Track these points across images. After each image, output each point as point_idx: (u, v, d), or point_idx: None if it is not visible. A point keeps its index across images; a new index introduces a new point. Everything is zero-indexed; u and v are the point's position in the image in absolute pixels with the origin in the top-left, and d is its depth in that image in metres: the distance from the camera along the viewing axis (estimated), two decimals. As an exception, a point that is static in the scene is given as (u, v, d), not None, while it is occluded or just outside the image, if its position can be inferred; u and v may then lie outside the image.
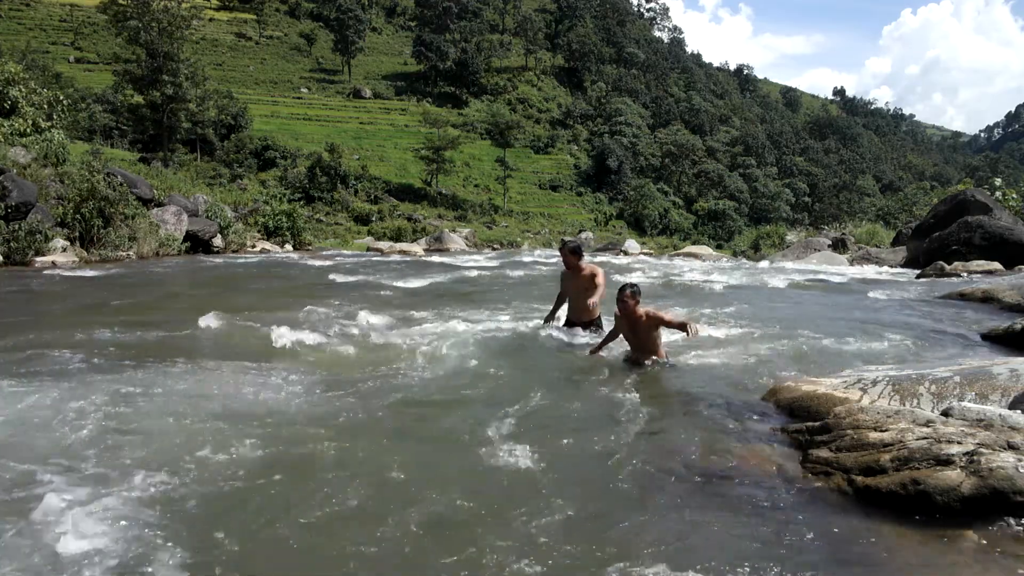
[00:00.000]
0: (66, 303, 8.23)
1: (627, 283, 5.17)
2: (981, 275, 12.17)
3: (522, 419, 3.71)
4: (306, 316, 6.98)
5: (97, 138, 41.81)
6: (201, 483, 2.80)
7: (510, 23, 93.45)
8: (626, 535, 2.49)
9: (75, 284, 10.05)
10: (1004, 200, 19.92)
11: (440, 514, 2.61)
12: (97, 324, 6.12)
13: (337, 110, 70.99)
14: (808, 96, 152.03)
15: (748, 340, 6.08)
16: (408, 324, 6.65)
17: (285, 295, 9.30)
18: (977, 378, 3.65)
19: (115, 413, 3.61)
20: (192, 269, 13.47)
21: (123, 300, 8.37)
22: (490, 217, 55.27)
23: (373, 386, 4.38)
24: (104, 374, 4.40)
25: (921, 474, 2.59)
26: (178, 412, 3.66)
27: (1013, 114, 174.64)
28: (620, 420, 3.78)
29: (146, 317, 6.86)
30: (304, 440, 3.32)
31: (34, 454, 3.02)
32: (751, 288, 11.63)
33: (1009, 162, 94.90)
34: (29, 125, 17.64)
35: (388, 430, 3.56)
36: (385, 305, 8.30)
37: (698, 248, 29.03)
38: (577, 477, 3.00)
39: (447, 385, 4.46)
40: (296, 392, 4.17)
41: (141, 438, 3.27)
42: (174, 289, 10.37)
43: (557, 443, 3.40)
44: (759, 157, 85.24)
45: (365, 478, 2.91)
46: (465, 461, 3.15)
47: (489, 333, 6.29)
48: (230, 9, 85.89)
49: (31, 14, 73.25)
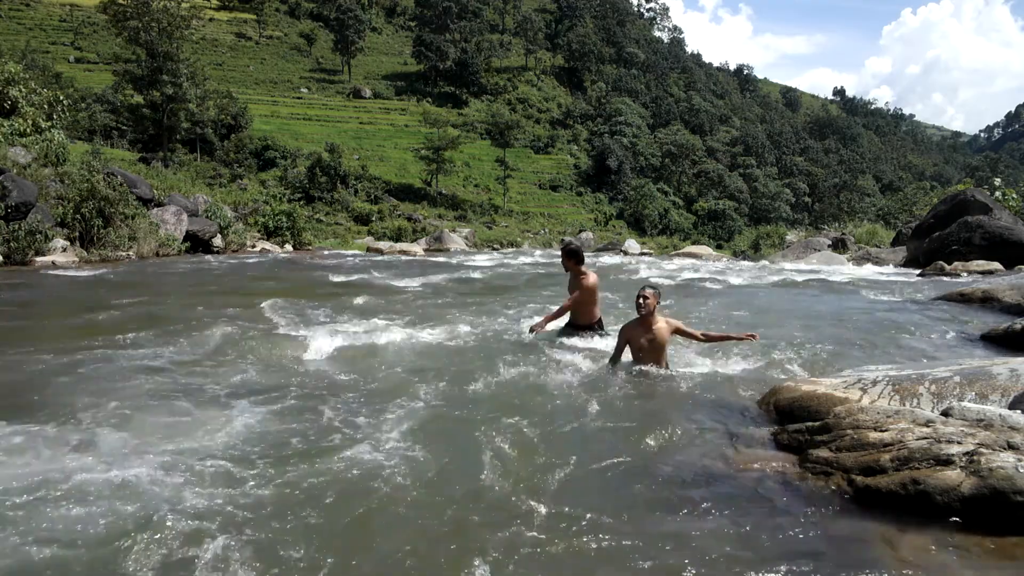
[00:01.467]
0: (66, 303, 8.22)
1: (649, 283, 4.96)
2: (981, 275, 12.17)
3: (519, 420, 3.71)
4: (304, 316, 6.98)
5: (97, 138, 41.74)
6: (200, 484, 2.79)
7: (510, 23, 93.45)
8: (626, 535, 2.49)
9: (75, 284, 10.05)
10: (1004, 200, 19.91)
11: (441, 515, 2.61)
12: (97, 324, 6.12)
13: (337, 110, 70.97)
14: (808, 96, 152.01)
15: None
16: (408, 325, 6.64)
17: (285, 295, 9.29)
18: (977, 378, 3.65)
19: (115, 413, 3.61)
20: (192, 269, 13.46)
21: (123, 300, 8.36)
22: (490, 217, 55.25)
23: (373, 387, 4.38)
24: (105, 374, 4.40)
25: (921, 474, 2.59)
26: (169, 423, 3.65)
27: (1013, 114, 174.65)
28: (620, 421, 3.78)
29: (146, 317, 6.85)
30: (300, 444, 3.32)
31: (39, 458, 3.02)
32: (751, 288, 11.62)
33: (1009, 162, 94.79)
34: (29, 125, 17.64)
35: (389, 430, 3.56)
36: (385, 305, 8.30)
37: (698, 248, 29.01)
38: (577, 479, 3.00)
39: (449, 387, 4.46)
40: (279, 398, 4.16)
41: (142, 438, 3.28)
42: (174, 289, 10.36)
43: (556, 444, 3.40)
44: (759, 157, 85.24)
45: (365, 478, 2.91)
46: (464, 463, 3.15)
47: (489, 334, 6.29)
48: (230, 9, 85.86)
49: (31, 14, 73.21)
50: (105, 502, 2.58)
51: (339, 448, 3.23)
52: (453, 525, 2.53)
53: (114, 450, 3.10)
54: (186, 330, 5.97)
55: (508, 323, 6.90)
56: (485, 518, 2.58)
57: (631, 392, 4.37)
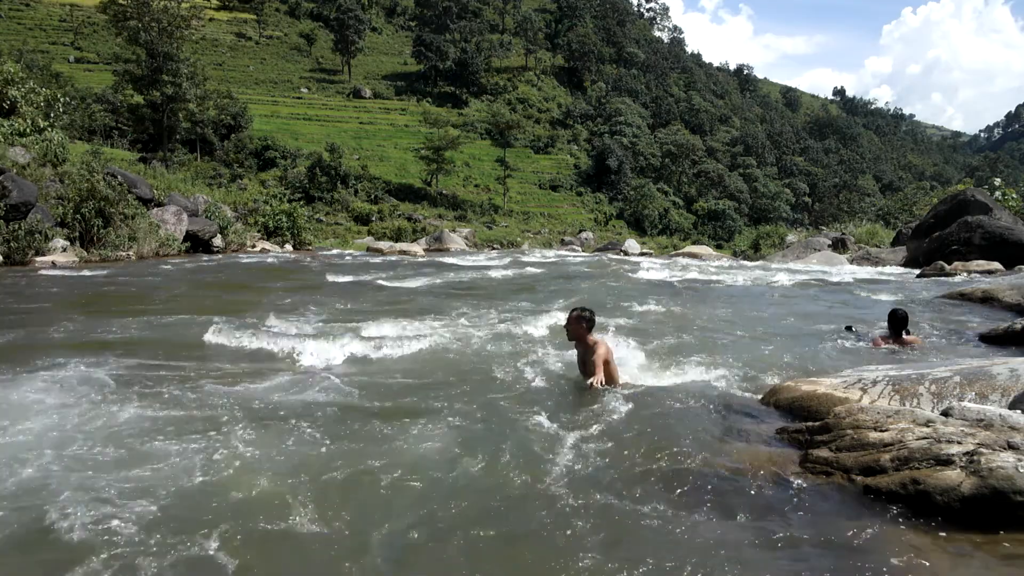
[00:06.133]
0: (66, 303, 8.22)
1: (580, 307, 4.65)
2: (981, 275, 12.17)
3: (516, 421, 3.71)
4: (302, 317, 6.98)
5: (97, 138, 41.72)
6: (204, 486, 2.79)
7: (510, 23, 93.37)
8: (625, 536, 2.49)
9: (75, 284, 10.04)
10: (1004, 200, 19.92)
11: (440, 517, 2.61)
12: (96, 323, 6.12)
13: (337, 110, 70.93)
14: (808, 96, 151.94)
15: (748, 340, 6.08)
16: (408, 325, 6.64)
17: (285, 295, 9.29)
18: (977, 378, 3.65)
19: (115, 416, 3.61)
20: (192, 269, 13.46)
21: (123, 300, 8.37)
22: (490, 217, 55.24)
23: (371, 388, 4.38)
24: (102, 374, 4.40)
25: (921, 474, 2.59)
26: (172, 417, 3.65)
27: (1013, 114, 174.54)
28: (620, 421, 3.78)
29: (146, 318, 6.85)
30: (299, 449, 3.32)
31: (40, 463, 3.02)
32: (751, 288, 11.63)
33: (1009, 162, 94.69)
34: (28, 125, 17.64)
35: (389, 431, 3.56)
36: (386, 306, 8.31)
37: (698, 248, 29.03)
38: (577, 478, 3.00)
39: (450, 389, 4.46)
40: (290, 394, 4.16)
41: (144, 439, 3.27)
42: (174, 289, 10.36)
43: (557, 444, 3.40)
44: (759, 157, 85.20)
45: (362, 479, 2.91)
46: (467, 464, 3.15)
47: (489, 336, 6.28)
48: (230, 9, 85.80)
49: (31, 14, 73.18)
50: (104, 504, 2.58)
51: (340, 447, 3.24)
52: (449, 526, 2.53)
53: (106, 466, 3.10)
54: (186, 330, 5.97)
55: (510, 324, 6.90)
56: (480, 521, 2.58)
57: (632, 392, 4.37)
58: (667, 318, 7.62)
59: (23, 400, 3.76)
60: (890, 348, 5.68)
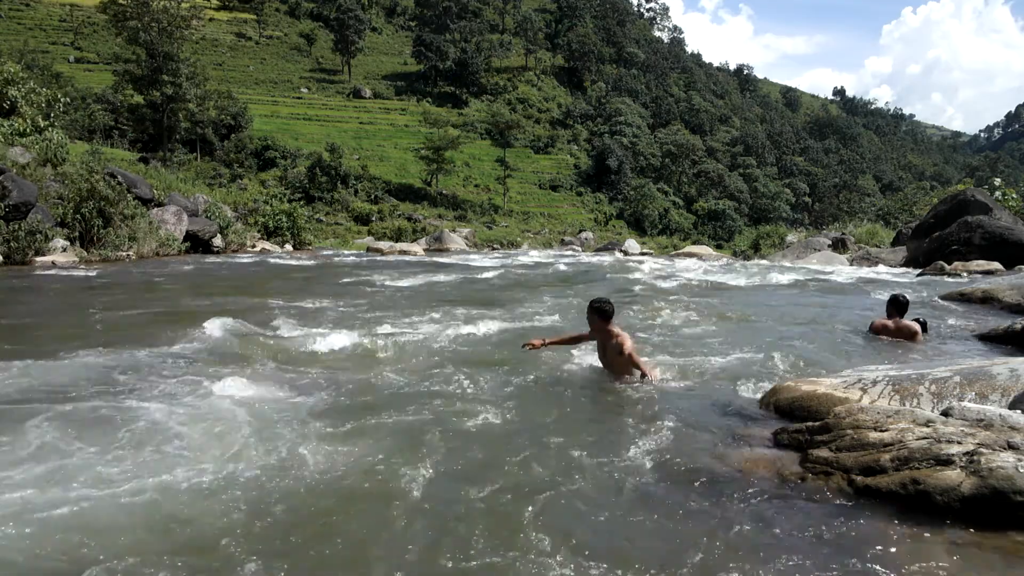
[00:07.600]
0: (65, 303, 8.22)
1: (601, 297, 4.81)
2: (981, 275, 12.17)
3: (514, 422, 3.71)
4: (302, 316, 6.98)
5: (97, 138, 41.70)
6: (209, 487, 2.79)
7: (510, 23, 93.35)
8: (625, 535, 2.49)
9: (75, 284, 10.04)
10: (1004, 200, 19.91)
11: (440, 519, 2.61)
12: (96, 324, 6.12)
13: (337, 110, 70.94)
14: (808, 96, 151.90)
15: (747, 340, 6.08)
16: (408, 326, 6.64)
17: (285, 296, 9.30)
18: (977, 378, 3.65)
19: (114, 416, 3.61)
20: (192, 269, 13.46)
21: (123, 300, 8.37)
22: (490, 217, 55.24)
23: (371, 389, 4.38)
24: (102, 375, 4.40)
25: (921, 474, 2.59)
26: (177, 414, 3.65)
27: (1013, 114, 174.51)
28: (621, 421, 3.78)
29: (146, 317, 6.85)
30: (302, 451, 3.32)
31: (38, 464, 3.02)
32: (750, 288, 11.63)
33: (1009, 162, 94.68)
34: (29, 125, 17.65)
35: (390, 433, 3.56)
36: (385, 306, 8.31)
37: (698, 248, 29.03)
38: (577, 478, 3.00)
39: (452, 390, 4.46)
40: (289, 395, 4.16)
41: (144, 439, 3.28)
42: (173, 289, 10.36)
43: (557, 444, 3.40)
44: (759, 157, 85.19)
45: (359, 482, 2.91)
46: (465, 464, 3.15)
47: (489, 336, 6.28)
48: (230, 9, 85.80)
49: (31, 14, 73.18)
50: (100, 506, 2.58)
51: (339, 449, 3.24)
52: (448, 527, 2.53)
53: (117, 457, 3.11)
54: (186, 332, 5.96)
55: (510, 325, 6.90)
56: (481, 522, 2.58)
57: (633, 393, 4.37)
58: (666, 318, 7.62)
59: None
60: (886, 328, 5.98)
